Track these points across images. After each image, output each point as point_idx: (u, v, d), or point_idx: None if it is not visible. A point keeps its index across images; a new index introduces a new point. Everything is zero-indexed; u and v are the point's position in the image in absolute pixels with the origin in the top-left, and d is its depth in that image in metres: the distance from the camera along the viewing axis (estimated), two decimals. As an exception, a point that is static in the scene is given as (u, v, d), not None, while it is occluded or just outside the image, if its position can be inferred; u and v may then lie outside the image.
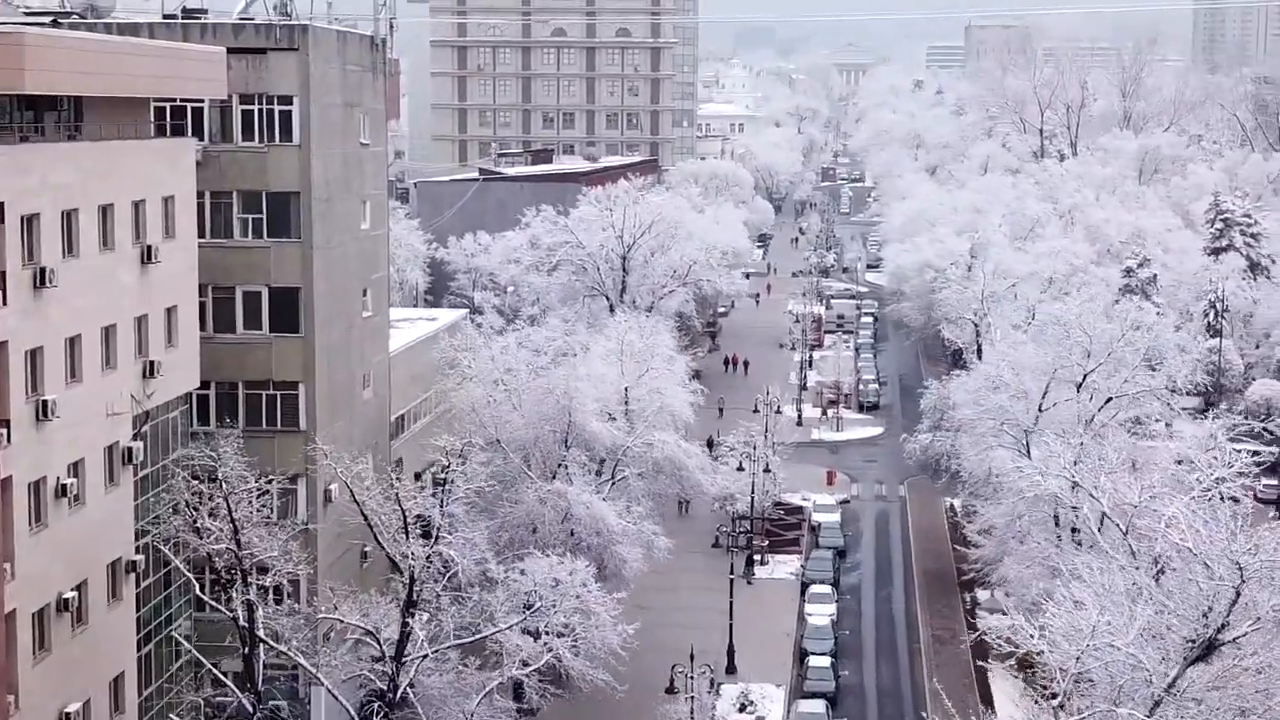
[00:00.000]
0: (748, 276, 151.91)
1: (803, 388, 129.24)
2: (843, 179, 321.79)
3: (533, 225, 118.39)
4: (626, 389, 75.23)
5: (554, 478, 68.03)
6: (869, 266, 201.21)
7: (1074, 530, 59.22)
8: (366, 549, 60.03)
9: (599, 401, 71.39)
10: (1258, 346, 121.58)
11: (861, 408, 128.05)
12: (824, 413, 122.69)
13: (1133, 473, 50.98)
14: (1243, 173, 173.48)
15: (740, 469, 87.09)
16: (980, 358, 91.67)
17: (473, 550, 54.96)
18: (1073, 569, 44.00)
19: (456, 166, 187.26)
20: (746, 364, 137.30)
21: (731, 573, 76.32)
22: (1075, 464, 51.18)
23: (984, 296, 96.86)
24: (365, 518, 54.21)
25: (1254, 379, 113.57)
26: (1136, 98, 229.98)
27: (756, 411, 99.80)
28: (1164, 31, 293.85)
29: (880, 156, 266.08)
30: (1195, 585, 39.22)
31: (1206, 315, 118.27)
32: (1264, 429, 61.67)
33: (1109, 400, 63.08)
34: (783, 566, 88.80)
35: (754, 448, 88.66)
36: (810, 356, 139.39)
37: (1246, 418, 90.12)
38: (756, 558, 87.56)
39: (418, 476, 78.41)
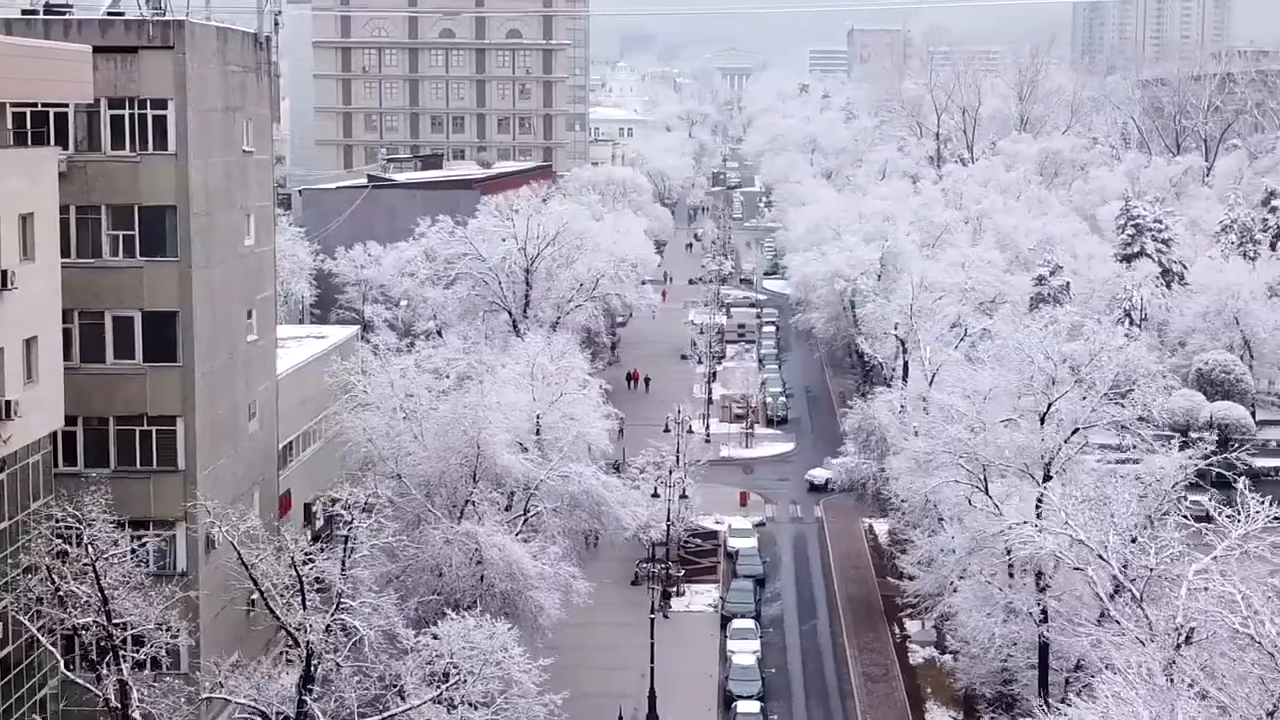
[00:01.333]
0: (648, 285, 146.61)
1: (709, 402, 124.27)
2: (733, 184, 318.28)
3: (428, 236, 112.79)
4: (539, 416, 69.65)
5: (462, 516, 62.22)
6: (767, 274, 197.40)
7: (1039, 574, 54.58)
8: (254, 598, 54.18)
9: (510, 431, 65.69)
10: (1173, 354, 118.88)
11: (770, 422, 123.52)
12: (749, 427, 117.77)
13: (1148, 529, 46.23)
14: (1145, 176, 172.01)
15: (655, 495, 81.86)
16: (906, 375, 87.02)
17: (379, 617, 48.79)
18: (1105, 658, 38.91)
19: (342, 173, 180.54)
20: (648, 380, 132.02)
21: (652, 611, 71.00)
22: (1081, 523, 46.01)
23: (912, 311, 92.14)
24: (255, 582, 48.13)
25: (1172, 389, 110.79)
26: (1033, 100, 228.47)
27: (667, 431, 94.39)
28: (1046, 31, 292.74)
29: (774, 162, 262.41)
30: (1254, 675, 34.36)
31: (1120, 323, 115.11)
32: (1238, 457, 57.67)
33: (1075, 431, 58.75)
34: (700, 597, 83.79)
35: (669, 472, 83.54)
36: (714, 370, 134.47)
37: (1163, 427, 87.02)
38: (673, 590, 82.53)
39: (308, 508, 72.63)
